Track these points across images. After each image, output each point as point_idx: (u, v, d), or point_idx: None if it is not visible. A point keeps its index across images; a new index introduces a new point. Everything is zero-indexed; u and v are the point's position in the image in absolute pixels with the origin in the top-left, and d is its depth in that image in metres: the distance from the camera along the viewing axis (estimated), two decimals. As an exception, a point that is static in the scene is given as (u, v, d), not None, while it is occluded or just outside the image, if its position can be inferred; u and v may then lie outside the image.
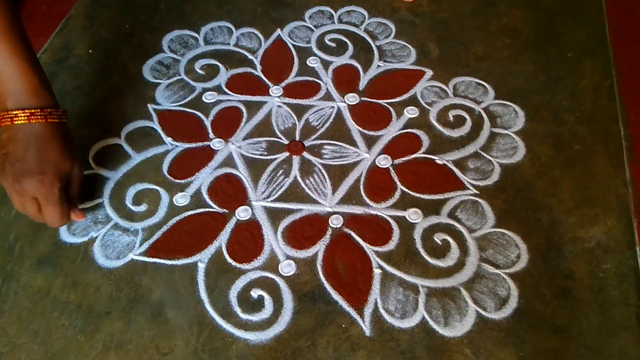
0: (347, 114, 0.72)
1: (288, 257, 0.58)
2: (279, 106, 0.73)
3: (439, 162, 0.66)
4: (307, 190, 0.64)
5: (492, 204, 0.62)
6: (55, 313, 0.55)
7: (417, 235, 0.59)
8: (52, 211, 0.53)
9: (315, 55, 0.80)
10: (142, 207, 0.63)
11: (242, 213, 0.62)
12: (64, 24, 0.86)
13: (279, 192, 0.64)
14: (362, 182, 0.64)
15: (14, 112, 0.52)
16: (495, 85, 0.74)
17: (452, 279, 0.56)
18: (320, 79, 0.76)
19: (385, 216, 0.61)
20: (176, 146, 0.69)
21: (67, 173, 0.54)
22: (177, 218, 0.62)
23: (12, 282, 0.57)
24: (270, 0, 0.88)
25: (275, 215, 0.62)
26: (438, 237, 0.59)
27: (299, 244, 0.59)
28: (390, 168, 0.66)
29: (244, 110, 0.73)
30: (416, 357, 0.51)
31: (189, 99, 0.74)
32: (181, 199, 0.63)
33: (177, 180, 0.65)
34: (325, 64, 0.78)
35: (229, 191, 0.64)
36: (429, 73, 0.76)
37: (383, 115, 0.71)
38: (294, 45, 0.81)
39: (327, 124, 0.71)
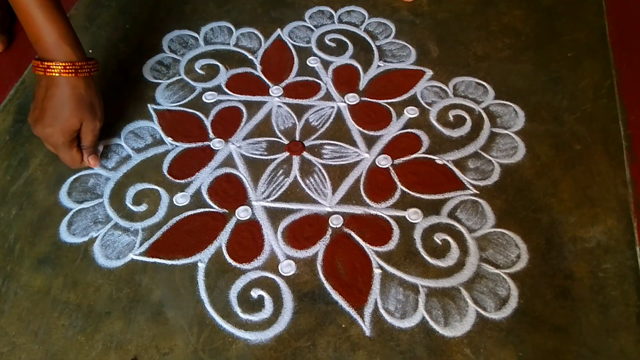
0: (347, 114, 0.72)
1: (288, 257, 0.58)
2: (279, 106, 0.73)
3: (439, 162, 0.66)
4: (307, 190, 0.64)
5: (492, 204, 0.62)
6: (55, 313, 0.55)
7: (417, 235, 0.59)
8: (62, 157, 0.61)
9: (315, 55, 0.80)
10: (142, 207, 0.63)
11: (242, 213, 0.62)
12: (64, 24, 0.86)
13: (279, 192, 0.64)
14: (362, 182, 0.64)
15: (47, 64, 0.56)
16: (495, 85, 0.74)
17: (452, 279, 0.56)
18: (320, 79, 0.76)
19: (385, 216, 0.61)
20: (176, 146, 0.69)
21: (73, 129, 0.59)
22: (177, 218, 0.62)
23: (12, 282, 0.57)
24: (270, 0, 0.88)
25: (275, 215, 0.62)
26: (438, 237, 0.59)
27: (299, 244, 0.59)
28: (390, 168, 0.66)
29: (244, 110, 0.73)
30: (416, 357, 0.51)
31: (189, 99, 0.74)
32: (181, 199, 0.63)
33: (177, 180, 0.65)
34: (325, 64, 0.78)
35: (229, 191, 0.64)
36: (429, 73, 0.76)
37: (383, 115, 0.71)
38: (294, 45, 0.81)
39: (327, 124, 0.71)
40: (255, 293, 0.56)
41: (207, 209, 0.62)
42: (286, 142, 0.69)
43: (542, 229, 0.59)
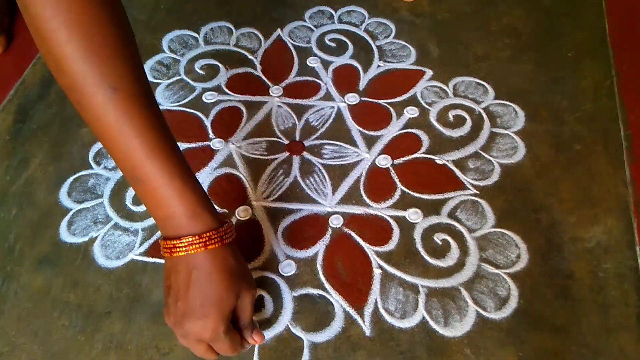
0: (347, 114, 0.72)
1: (288, 257, 0.58)
2: (279, 106, 0.73)
3: (439, 162, 0.66)
4: (307, 190, 0.64)
5: (492, 204, 0.62)
6: (55, 313, 0.55)
7: (417, 235, 0.59)
8: (221, 348, 0.46)
9: (315, 55, 0.80)
10: (142, 207, 0.63)
11: (242, 213, 0.62)
12: (64, 24, 0.86)
13: (279, 192, 0.64)
14: (362, 182, 0.64)
15: (172, 242, 0.43)
16: (495, 85, 0.74)
17: (452, 279, 0.56)
18: (320, 79, 0.76)
19: (385, 216, 0.61)
20: (176, 146, 0.69)
21: (231, 309, 0.46)
22: (177, 218, 0.62)
23: (12, 282, 0.57)
24: (270, 0, 0.88)
25: (275, 215, 0.62)
26: (438, 237, 0.59)
27: (299, 244, 0.59)
28: (390, 168, 0.66)
29: (244, 110, 0.73)
30: (416, 357, 0.51)
31: (189, 99, 0.74)
32: (181, 199, 0.63)
33: (177, 180, 0.65)
34: (325, 64, 0.78)
35: (229, 191, 0.64)
36: (429, 73, 0.76)
37: (383, 115, 0.71)
38: (294, 45, 0.81)
39: (327, 124, 0.71)
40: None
41: (207, 209, 0.62)
42: (286, 142, 0.69)
43: (542, 229, 0.59)
